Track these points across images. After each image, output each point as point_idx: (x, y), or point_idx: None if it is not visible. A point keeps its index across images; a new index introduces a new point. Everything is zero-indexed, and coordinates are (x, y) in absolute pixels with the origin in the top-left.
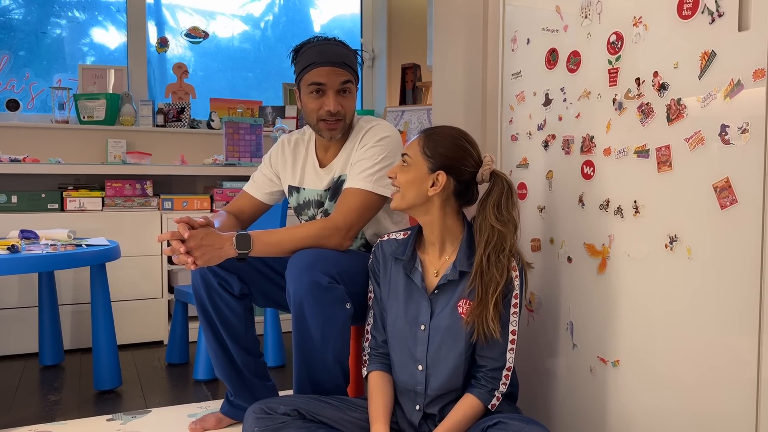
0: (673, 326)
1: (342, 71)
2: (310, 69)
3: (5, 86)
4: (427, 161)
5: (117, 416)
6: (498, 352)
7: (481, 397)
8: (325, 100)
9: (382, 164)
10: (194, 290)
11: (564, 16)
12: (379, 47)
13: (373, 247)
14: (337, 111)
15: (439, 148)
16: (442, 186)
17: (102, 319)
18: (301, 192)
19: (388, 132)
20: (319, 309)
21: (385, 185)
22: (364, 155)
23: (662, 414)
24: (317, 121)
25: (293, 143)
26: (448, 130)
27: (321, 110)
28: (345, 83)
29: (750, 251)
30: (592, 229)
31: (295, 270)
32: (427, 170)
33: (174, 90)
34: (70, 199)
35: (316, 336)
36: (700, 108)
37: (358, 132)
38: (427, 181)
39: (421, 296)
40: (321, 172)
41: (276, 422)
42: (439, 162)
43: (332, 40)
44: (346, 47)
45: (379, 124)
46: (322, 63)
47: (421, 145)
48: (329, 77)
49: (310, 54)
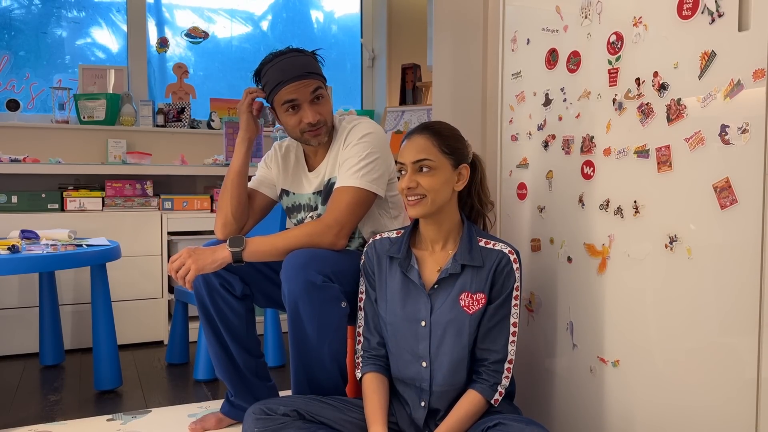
0: (673, 326)
1: (309, 81)
2: (278, 89)
3: (5, 86)
4: (449, 159)
5: (117, 416)
6: (500, 344)
7: (483, 392)
8: (302, 114)
9: (368, 160)
10: (196, 291)
11: (564, 16)
12: (379, 47)
13: (365, 247)
14: (317, 120)
15: (453, 143)
16: (466, 179)
17: (102, 319)
18: (291, 196)
19: (371, 128)
20: (314, 308)
21: (373, 180)
22: (349, 153)
23: (662, 414)
24: (301, 134)
25: (284, 149)
26: (445, 124)
27: (301, 124)
28: (316, 91)
29: (750, 251)
30: (592, 229)
31: (289, 269)
32: (451, 168)
33: (174, 90)
34: (70, 199)
35: (312, 335)
36: (700, 108)
37: (342, 133)
38: (453, 177)
39: (419, 293)
40: (310, 176)
41: (276, 423)
42: (458, 156)
43: (288, 52)
44: (304, 53)
45: (361, 122)
46: (288, 80)
47: (438, 145)
48: (299, 92)
49: (273, 73)
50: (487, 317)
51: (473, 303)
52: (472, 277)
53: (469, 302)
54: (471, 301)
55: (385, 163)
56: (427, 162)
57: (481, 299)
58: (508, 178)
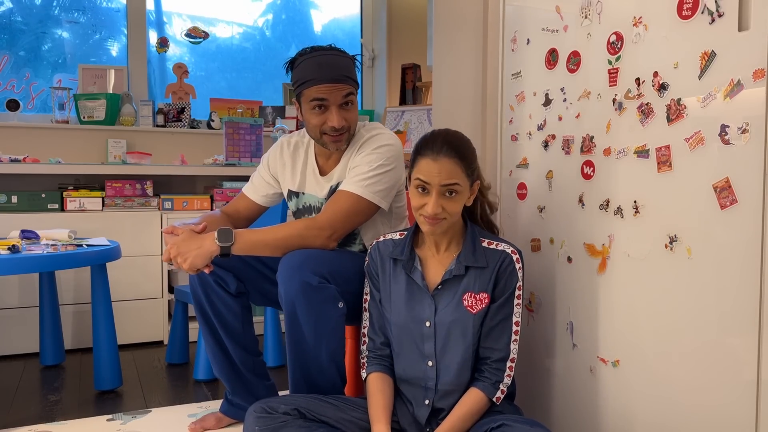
0: (673, 326)
1: (343, 86)
2: (310, 85)
3: (5, 86)
4: (469, 180)
5: (117, 416)
6: (503, 343)
7: (485, 390)
8: (328, 116)
9: (378, 171)
10: (191, 289)
11: (564, 16)
12: (379, 47)
13: (369, 248)
14: (342, 126)
15: (473, 164)
16: (476, 193)
17: (102, 319)
18: (300, 197)
19: (389, 140)
20: (311, 309)
21: (377, 192)
22: (361, 161)
23: (662, 414)
24: (321, 135)
25: (293, 146)
26: (463, 138)
27: (324, 125)
28: (347, 96)
29: (750, 251)
30: (592, 229)
31: (285, 270)
32: (468, 186)
33: (174, 90)
34: (70, 199)
35: (309, 336)
36: (700, 108)
37: (359, 140)
38: (467, 194)
39: (423, 294)
40: (321, 180)
41: (276, 421)
42: (473, 174)
43: (329, 50)
44: (345, 55)
45: (381, 133)
46: (322, 80)
47: (464, 169)
48: (332, 93)
49: (309, 67)
50: (490, 316)
51: (476, 303)
52: (475, 277)
53: (472, 302)
54: (474, 301)
55: (395, 177)
56: (455, 187)
57: (485, 299)
58: (508, 178)
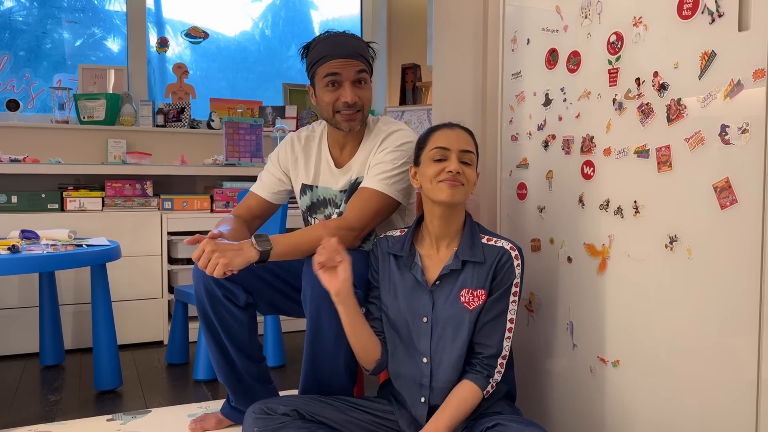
0: (673, 326)
1: (356, 62)
2: (323, 62)
3: (5, 86)
4: (477, 160)
5: (117, 416)
6: (495, 339)
7: (477, 381)
8: (341, 92)
9: (402, 169)
10: (197, 300)
11: (564, 16)
12: (378, 47)
13: (372, 245)
14: (354, 102)
15: (478, 149)
16: (476, 186)
17: (102, 319)
18: (315, 190)
19: (410, 138)
20: (335, 314)
21: (401, 190)
22: (384, 158)
23: (662, 414)
24: (333, 114)
25: (303, 140)
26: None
27: (338, 102)
28: (360, 72)
29: (750, 251)
30: (592, 229)
31: (313, 272)
32: (476, 167)
33: (174, 90)
34: (70, 199)
35: (329, 340)
36: (700, 108)
37: (378, 134)
38: (475, 175)
39: (421, 290)
40: (337, 172)
41: (275, 422)
42: (478, 160)
43: (343, 33)
44: (359, 39)
45: (402, 129)
46: (335, 55)
47: (474, 147)
48: (344, 68)
49: (323, 47)
50: (485, 312)
51: (474, 299)
52: (473, 273)
53: (469, 298)
54: (471, 297)
55: None
56: (470, 156)
57: (482, 295)
58: (508, 178)
